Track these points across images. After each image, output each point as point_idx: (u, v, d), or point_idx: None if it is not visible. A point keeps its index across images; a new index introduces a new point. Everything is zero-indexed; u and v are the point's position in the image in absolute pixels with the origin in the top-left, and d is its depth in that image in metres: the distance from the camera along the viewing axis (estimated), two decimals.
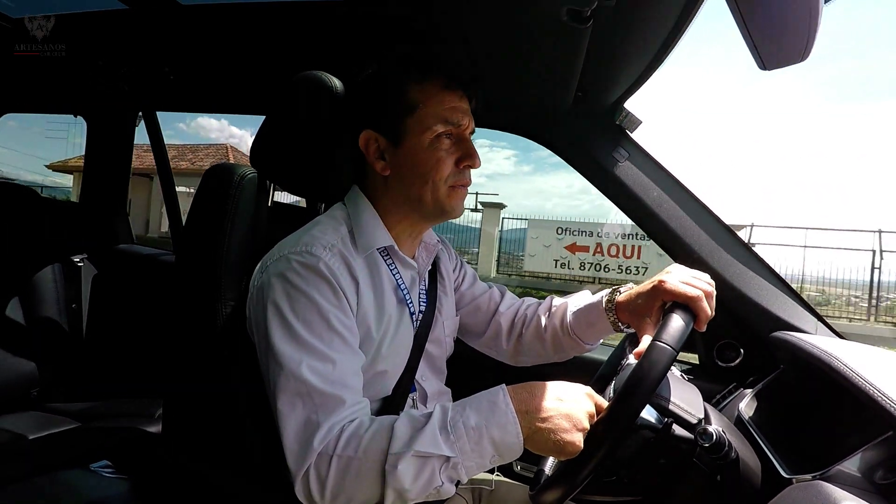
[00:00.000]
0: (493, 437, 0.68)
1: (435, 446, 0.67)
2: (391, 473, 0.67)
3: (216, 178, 0.94)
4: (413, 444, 0.67)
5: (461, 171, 0.87)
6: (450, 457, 0.67)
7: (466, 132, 0.88)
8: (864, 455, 0.66)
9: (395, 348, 0.88)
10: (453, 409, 0.70)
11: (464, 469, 0.69)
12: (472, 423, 0.68)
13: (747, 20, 0.48)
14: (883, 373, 0.73)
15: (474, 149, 0.88)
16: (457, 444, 0.67)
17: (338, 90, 0.96)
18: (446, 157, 0.86)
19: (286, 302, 0.77)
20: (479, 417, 0.69)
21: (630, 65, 0.99)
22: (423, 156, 0.85)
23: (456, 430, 0.68)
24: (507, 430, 0.68)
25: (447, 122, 0.85)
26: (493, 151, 26.10)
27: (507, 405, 0.69)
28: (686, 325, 0.75)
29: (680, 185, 1.22)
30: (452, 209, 0.89)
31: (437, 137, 0.85)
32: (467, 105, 0.88)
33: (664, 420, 0.76)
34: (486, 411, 0.69)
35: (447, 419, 0.69)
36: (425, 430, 0.68)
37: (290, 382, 0.73)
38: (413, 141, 0.85)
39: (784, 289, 1.16)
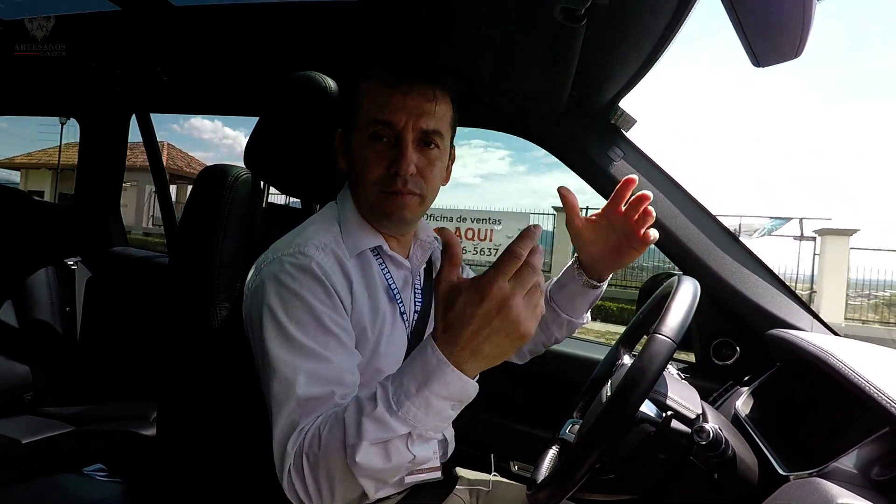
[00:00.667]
0: (442, 394, 0.62)
1: (386, 430, 0.63)
2: (354, 465, 0.64)
3: (209, 180, 0.94)
4: (362, 433, 0.63)
5: (391, 176, 0.82)
6: (408, 432, 0.63)
7: (405, 133, 0.81)
8: (861, 452, 0.66)
9: (391, 348, 0.87)
10: (392, 383, 0.64)
11: (429, 432, 0.65)
12: (413, 390, 0.62)
13: (741, 17, 0.48)
14: (879, 369, 0.73)
15: (405, 153, 0.81)
16: (407, 416, 0.62)
17: (331, 90, 0.96)
18: (376, 160, 0.82)
19: (279, 304, 0.76)
20: (417, 382, 0.62)
21: (624, 64, 0.99)
22: (357, 156, 0.84)
23: (401, 404, 0.62)
24: (451, 383, 0.61)
25: (375, 121, 0.81)
26: (489, 152, 26.27)
27: (438, 357, 0.61)
28: (686, 315, 0.74)
29: (675, 184, 1.22)
30: (388, 214, 0.84)
31: (370, 137, 0.82)
32: (411, 102, 0.81)
33: (663, 414, 0.76)
34: (420, 373, 0.62)
35: (389, 396, 0.63)
36: (373, 416, 0.63)
37: (282, 386, 0.73)
38: (354, 139, 0.85)
39: (779, 286, 1.16)
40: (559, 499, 0.71)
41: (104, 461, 1.23)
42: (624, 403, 0.67)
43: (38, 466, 1.19)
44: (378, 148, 0.82)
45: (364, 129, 0.82)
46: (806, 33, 0.50)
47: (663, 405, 0.77)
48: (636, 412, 0.71)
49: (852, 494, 0.59)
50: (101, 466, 1.20)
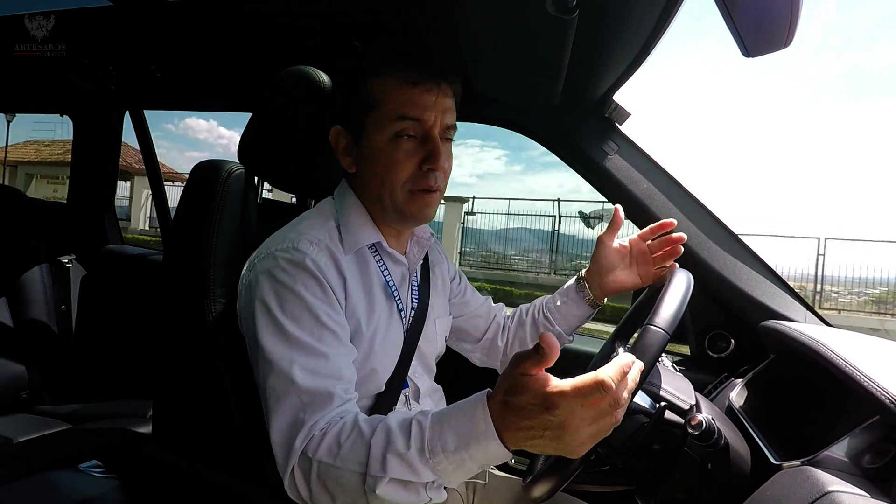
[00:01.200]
0: (477, 458, 0.62)
1: (413, 474, 0.63)
2: (371, 494, 0.64)
3: (203, 175, 0.94)
4: (388, 469, 0.63)
5: (424, 173, 0.81)
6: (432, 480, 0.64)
7: (434, 130, 0.81)
8: (852, 440, 0.67)
9: (387, 344, 0.87)
10: (431, 428, 0.63)
11: (449, 483, 0.65)
12: (451, 447, 0.61)
13: (730, 8, 0.48)
14: (869, 358, 0.73)
15: (439, 149, 0.81)
16: (437, 468, 0.62)
17: (325, 85, 0.96)
18: (405, 158, 0.81)
19: (274, 299, 0.76)
20: (459, 441, 0.61)
21: (618, 56, 0.99)
22: (380, 156, 0.82)
23: (435, 454, 0.62)
24: (490, 452, 0.60)
25: (405, 118, 0.79)
26: (484, 151, 26.10)
27: (488, 426, 0.60)
28: (679, 307, 0.74)
29: (669, 177, 1.22)
30: (413, 215, 0.84)
31: (396, 136, 0.80)
32: (437, 99, 0.81)
33: (657, 405, 0.77)
34: (466, 433, 0.61)
35: (425, 441, 0.63)
36: (402, 456, 0.63)
37: (280, 381, 0.73)
38: (372, 139, 0.82)
39: (773, 279, 1.17)
40: (554, 490, 0.72)
41: (100, 458, 1.22)
42: None
43: (33, 464, 1.19)
44: (405, 146, 0.81)
45: (387, 128, 0.81)
46: (794, 22, 0.50)
47: (657, 396, 0.78)
48: (631, 402, 0.71)
49: (842, 482, 0.60)
50: (96, 463, 1.19)
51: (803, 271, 10.42)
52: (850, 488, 0.59)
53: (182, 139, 50.88)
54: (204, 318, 0.88)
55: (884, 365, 0.72)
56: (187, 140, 51.57)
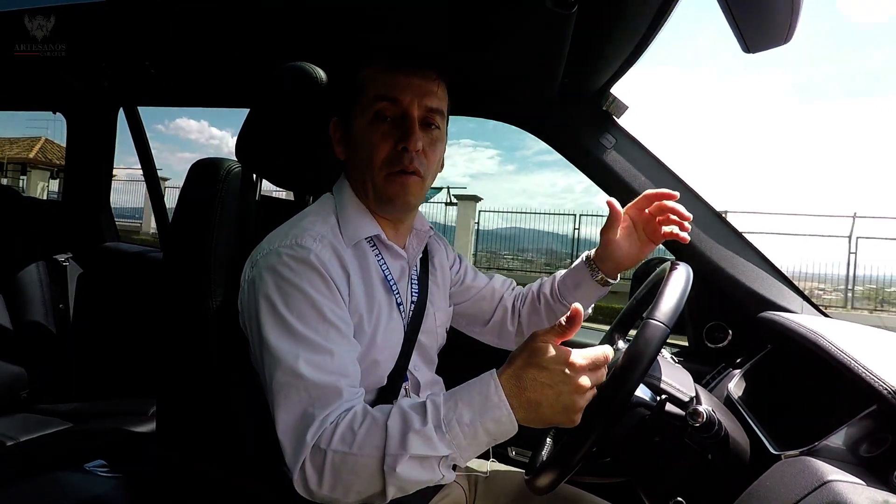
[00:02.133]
0: (489, 429, 0.67)
1: (431, 448, 0.66)
2: (390, 474, 0.67)
3: (201, 174, 0.93)
4: (408, 446, 0.66)
5: (399, 153, 0.83)
6: (448, 455, 0.67)
7: (411, 109, 0.83)
8: (850, 429, 0.68)
9: (388, 338, 0.88)
10: (445, 404, 0.68)
11: (462, 459, 0.69)
12: (465, 419, 0.67)
13: (731, 3, 0.48)
14: (866, 349, 0.74)
15: (414, 128, 0.82)
16: (453, 441, 0.67)
17: (322, 80, 0.96)
18: (382, 140, 0.83)
19: (279, 296, 0.76)
20: (473, 413, 0.67)
21: (615, 50, 0.99)
22: (362, 139, 0.85)
23: (451, 428, 0.67)
24: (502, 422, 0.67)
25: (381, 98, 0.82)
26: (478, 151, 26.08)
27: (500, 397, 0.67)
28: (679, 300, 0.75)
29: (667, 170, 1.23)
30: (391, 198, 0.85)
31: (375, 118, 0.83)
32: (416, 81, 0.83)
33: (658, 398, 0.78)
34: (479, 405, 0.67)
35: (440, 417, 0.67)
36: (420, 433, 0.66)
37: (287, 376, 0.73)
38: (357, 124, 0.85)
39: (770, 270, 1.18)
40: (557, 483, 0.72)
41: (105, 457, 1.23)
42: (619, 389, 0.69)
43: (39, 463, 1.19)
44: (383, 128, 0.83)
45: (367, 111, 0.83)
46: (795, 18, 0.50)
47: (657, 389, 0.79)
48: (631, 397, 0.72)
49: (841, 471, 0.61)
50: (102, 462, 1.20)
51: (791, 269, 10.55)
52: (849, 477, 0.60)
53: (173, 140, 50.35)
54: (205, 317, 0.88)
55: (881, 355, 0.73)
56: (179, 141, 50.93)
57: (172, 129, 55.92)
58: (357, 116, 0.85)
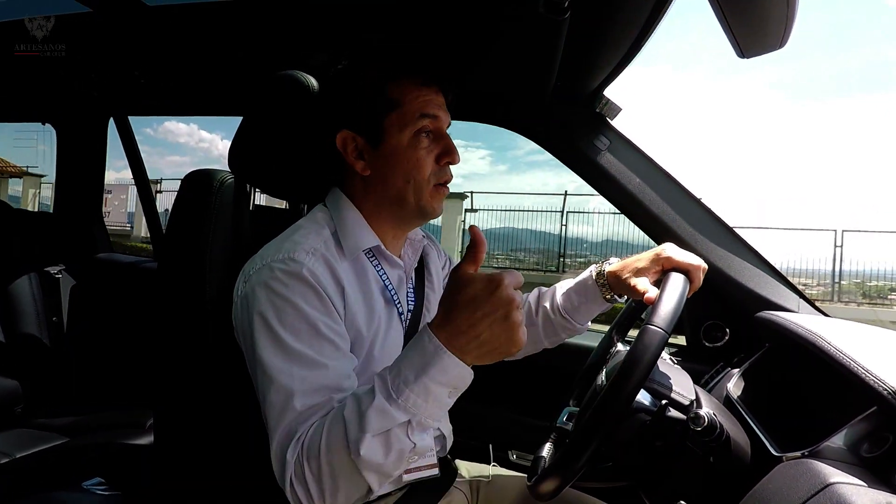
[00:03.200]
0: (440, 381, 0.65)
1: (388, 420, 0.64)
2: (358, 460, 0.65)
3: (194, 186, 0.92)
4: (365, 426, 0.64)
5: (442, 168, 0.86)
6: (408, 419, 0.65)
7: (444, 127, 0.87)
8: (850, 430, 0.68)
9: (387, 349, 0.87)
10: (390, 373, 0.67)
11: (428, 419, 0.67)
12: (412, 378, 0.64)
13: (724, 8, 0.48)
14: (866, 349, 0.74)
15: (453, 144, 0.86)
16: (407, 404, 0.64)
17: (314, 89, 0.95)
18: (426, 155, 0.84)
19: (272, 312, 0.75)
20: (417, 370, 0.64)
21: (608, 53, 0.99)
22: (403, 155, 0.84)
23: (400, 392, 0.64)
24: (448, 369, 0.64)
25: (425, 115, 0.84)
26: (469, 152, 26.08)
27: (435, 345, 0.64)
28: (678, 305, 0.75)
29: (661, 171, 1.23)
30: (434, 210, 0.87)
31: (416, 135, 0.84)
32: (443, 100, 0.87)
33: (658, 403, 0.78)
34: (419, 361, 0.65)
35: (388, 386, 0.65)
36: (373, 407, 0.65)
37: (279, 396, 0.72)
38: (393, 140, 0.84)
39: (766, 269, 1.18)
40: (560, 490, 0.72)
41: (103, 473, 1.22)
42: (619, 396, 0.68)
43: (34, 481, 1.18)
44: (425, 144, 0.84)
45: (409, 127, 0.83)
46: (791, 23, 0.50)
47: (658, 393, 0.79)
48: (632, 403, 0.72)
49: (843, 473, 0.61)
50: (99, 480, 1.18)
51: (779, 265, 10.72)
52: (851, 479, 0.60)
53: (163, 143, 49.84)
54: (201, 331, 0.87)
55: (880, 355, 0.73)
56: (167, 144, 50.29)
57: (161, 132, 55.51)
58: (392, 132, 0.84)
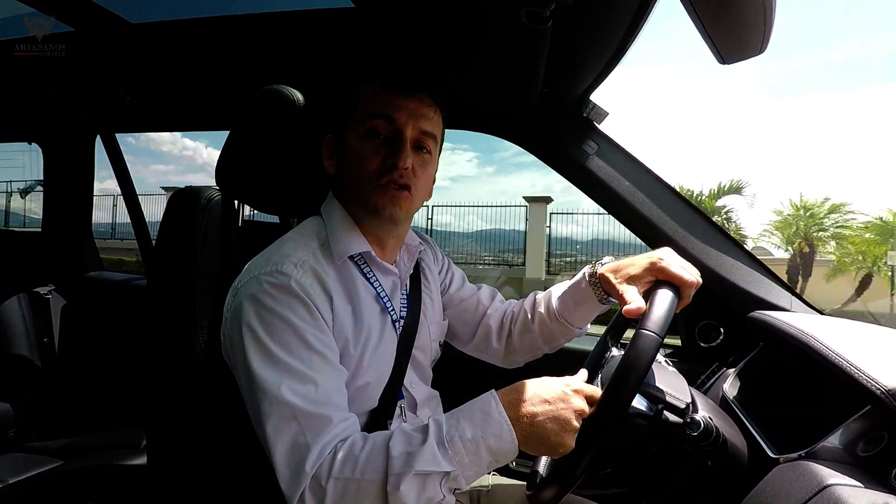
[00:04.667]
0: (490, 447, 0.69)
1: (435, 464, 0.67)
2: (393, 494, 0.66)
3: (182, 204, 0.92)
4: (413, 463, 0.67)
5: (388, 167, 0.83)
6: (450, 471, 0.68)
7: (405, 129, 0.84)
8: (846, 430, 0.68)
9: (378, 359, 0.86)
10: (447, 422, 0.70)
11: (463, 479, 0.69)
12: (468, 435, 0.68)
13: (702, 16, 0.48)
14: (859, 348, 0.74)
15: (406, 145, 0.84)
16: (455, 458, 0.68)
17: (300, 103, 0.95)
18: (373, 152, 0.84)
19: (260, 325, 0.75)
20: (475, 429, 0.69)
21: (592, 59, 0.99)
22: (353, 153, 0.86)
23: (453, 444, 0.68)
24: (503, 439, 0.69)
25: (376, 115, 0.84)
26: (456, 154, 26.04)
27: (501, 413, 0.70)
28: (669, 310, 0.76)
29: (651, 173, 1.23)
30: (378, 209, 0.85)
31: (368, 133, 0.84)
32: (412, 103, 0.85)
33: (654, 407, 0.77)
34: (481, 422, 0.70)
35: (443, 434, 0.69)
36: (424, 449, 0.68)
37: (273, 407, 0.72)
38: (350, 138, 0.87)
39: (757, 267, 1.18)
40: (559, 497, 0.72)
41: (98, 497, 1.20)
42: (616, 402, 0.69)
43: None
44: (375, 143, 0.84)
45: (362, 126, 0.85)
46: (769, 28, 0.50)
47: (653, 397, 0.79)
48: (628, 408, 0.72)
49: (840, 475, 0.61)
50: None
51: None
52: (848, 480, 0.60)
53: (145, 152, 49.14)
54: (191, 349, 0.86)
55: (873, 354, 0.73)
56: (150, 152, 49.47)
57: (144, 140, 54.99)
58: (350, 132, 0.86)
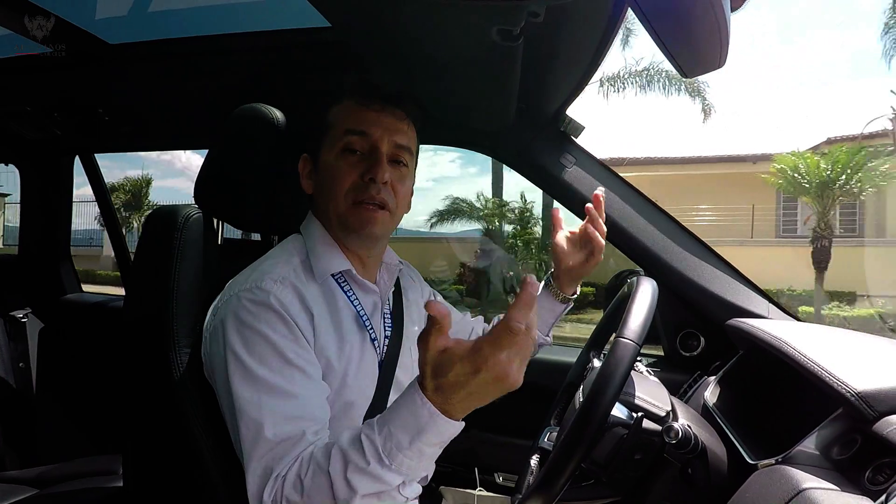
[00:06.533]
0: (433, 442, 0.64)
1: (381, 483, 0.64)
2: None
3: (158, 223, 0.91)
4: (356, 486, 0.64)
5: (365, 184, 0.84)
6: (400, 482, 0.65)
7: (380, 144, 0.85)
8: (820, 434, 0.69)
9: (361, 377, 0.86)
10: (380, 434, 0.64)
11: (417, 476, 0.67)
12: (405, 442, 0.63)
13: (661, 36, 0.50)
14: (829, 352, 0.76)
15: (382, 161, 0.84)
16: (401, 468, 0.64)
17: (279, 122, 0.95)
18: (349, 169, 0.85)
19: (239, 341, 0.75)
20: (410, 434, 0.63)
21: (567, 74, 1.01)
22: (329, 170, 0.86)
23: (393, 457, 0.64)
24: (443, 430, 0.63)
25: (351, 132, 0.84)
26: (438, 155, 26.04)
27: (430, 410, 0.62)
28: (647, 318, 0.76)
29: (628, 185, 1.25)
30: (355, 228, 0.85)
31: (342, 151, 0.85)
32: (385, 118, 0.86)
33: (634, 415, 0.78)
34: (413, 425, 0.63)
35: (379, 449, 0.64)
36: (365, 472, 0.64)
37: (249, 429, 0.72)
38: (325, 156, 0.87)
39: (734, 275, 1.20)
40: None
41: None
42: (594, 411, 0.69)
43: None
44: (351, 160, 0.85)
45: (337, 143, 0.85)
46: (725, 45, 0.52)
47: (633, 406, 0.79)
48: (608, 417, 0.72)
49: (815, 478, 0.62)
50: None
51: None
52: (823, 483, 0.61)
53: (121, 157, 47.25)
54: (169, 370, 0.85)
55: (844, 358, 0.75)
56: (127, 157, 46.88)
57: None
58: (325, 150, 0.87)
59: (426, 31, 0.77)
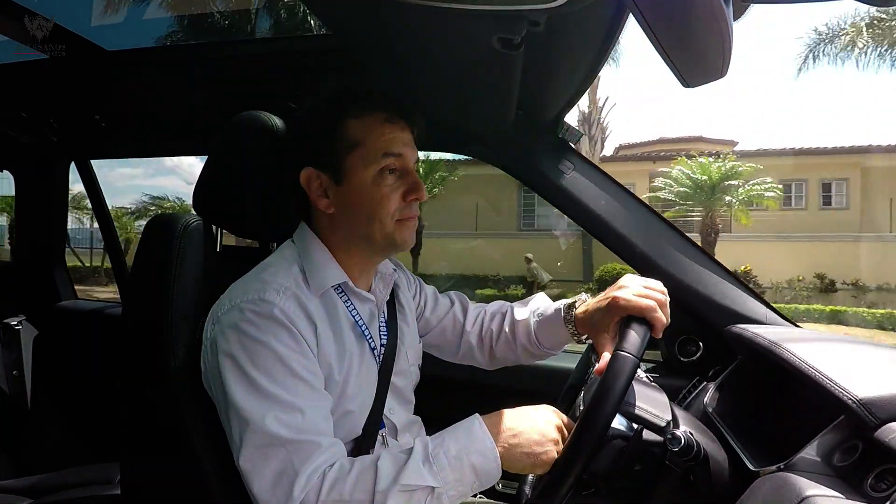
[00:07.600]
0: (474, 464, 0.71)
1: (419, 478, 0.68)
2: None
3: (157, 230, 0.91)
4: (398, 479, 0.68)
5: (408, 204, 0.86)
6: (434, 487, 0.69)
7: (410, 163, 0.86)
8: (822, 440, 0.69)
9: (360, 386, 0.86)
10: (433, 441, 0.73)
11: (447, 498, 0.70)
12: (452, 452, 0.71)
13: (664, 44, 0.50)
14: (829, 359, 0.76)
15: (420, 181, 0.87)
16: (440, 474, 0.69)
17: (278, 128, 0.95)
18: (391, 192, 0.84)
19: (244, 354, 0.74)
20: (459, 446, 0.71)
21: (565, 82, 1.02)
22: (367, 193, 0.84)
23: (438, 460, 0.70)
24: (486, 456, 0.71)
25: (389, 154, 0.83)
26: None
27: (484, 431, 0.73)
28: (644, 336, 0.77)
29: (626, 191, 1.26)
30: (402, 242, 0.87)
31: (380, 172, 0.83)
32: (409, 136, 0.87)
33: (634, 427, 0.78)
34: (464, 439, 0.72)
35: (428, 452, 0.71)
36: (409, 465, 0.69)
37: (257, 437, 0.71)
38: (357, 178, 0.84)
39: (732, 281, 1.21)
40: None
41: None
42: (595, 425, 0.70)
43: None
44: (390, 181, 0.84)
45: (373, 166, 0.83)
46: (728, 54, 0.53)
47: (634, 417, 0.79)
48: (608, 430, 0.72)
49: (818, 485, 0.62)
50: None
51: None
52: (826, 491, 0.61)
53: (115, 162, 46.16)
54: (168, 378, 0.85)
55: (844, 365, 0.75)
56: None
57: None
58: (357, 170, 0.83)
59: (427, 40, 0.77)
